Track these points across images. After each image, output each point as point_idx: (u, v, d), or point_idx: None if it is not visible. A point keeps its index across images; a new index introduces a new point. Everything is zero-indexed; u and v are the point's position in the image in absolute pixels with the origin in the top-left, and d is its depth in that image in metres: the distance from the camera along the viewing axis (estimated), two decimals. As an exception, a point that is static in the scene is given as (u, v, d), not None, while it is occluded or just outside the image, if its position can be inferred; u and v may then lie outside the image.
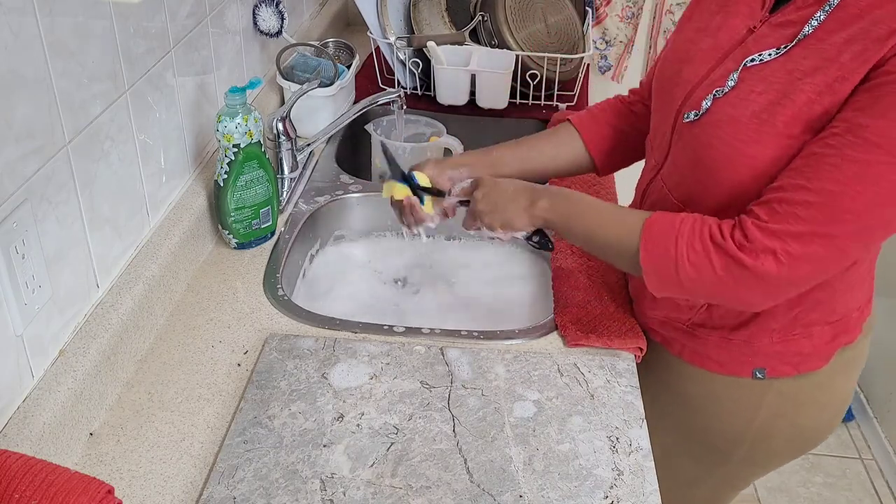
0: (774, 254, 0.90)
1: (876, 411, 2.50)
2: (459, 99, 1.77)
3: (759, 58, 0.96)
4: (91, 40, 1.01)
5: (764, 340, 1.09)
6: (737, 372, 1.13)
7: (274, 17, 1.63)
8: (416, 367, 1.09)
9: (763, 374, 1.12)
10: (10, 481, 0.73)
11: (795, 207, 0.89)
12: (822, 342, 1.10)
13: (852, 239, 0.89)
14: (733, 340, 1.11)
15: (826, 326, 1.09)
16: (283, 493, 0.91)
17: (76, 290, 1.02)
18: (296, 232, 1.38)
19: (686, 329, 1.14)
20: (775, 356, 1.10)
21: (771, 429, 1.16)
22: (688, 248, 0.94)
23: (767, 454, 1.21)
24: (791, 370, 1.11)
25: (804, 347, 1.10)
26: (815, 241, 0.89)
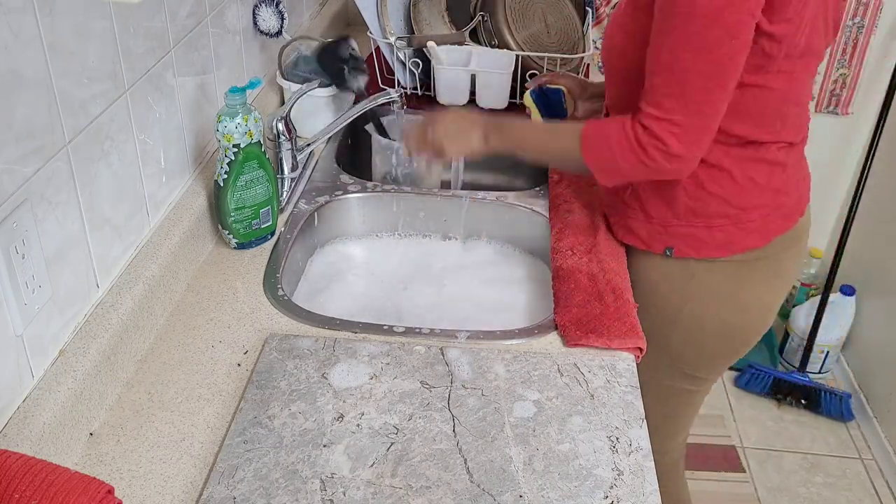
0: (669, 131, 1.12)
1: (876, 411, 2.50)
2: (459, 99, 1.77)
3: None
4: (91, 40, 1.01)
5: (673, 222, 1.30)
6: (653, 247, 1.33)
7: (274, 17, 1.63)
8: (416, 367, 1.09)
9: (671, 252, 1.32)
10: (10, 481, 0.73)
11: (656, 87, 1.12)
12: (721, 234, 1.29)
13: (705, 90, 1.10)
14: (653, 218, 1.31)
15: (725, 220, 1.28)
16: (283, 493, 0.91)
17: (76, 290, 1.02)
18: (296, 232, 1.39)
19: (622, 208, 1.35)
20: (681, 238, 1.30)
21: (701, 319, 1.35)
22: (619, 147, 1.17)
23: (702, 346, 1.39)
24: (693, 253, 1.31)
25: (703, 235, 1.29)
26: (685, 105, 1.11)
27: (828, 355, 2.65)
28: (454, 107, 1.38)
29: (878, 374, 2.52)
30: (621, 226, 1.37)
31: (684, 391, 1.47)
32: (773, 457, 2.42)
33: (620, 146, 1.16)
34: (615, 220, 1.38)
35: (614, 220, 1.39)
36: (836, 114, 2.52)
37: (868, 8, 2.36)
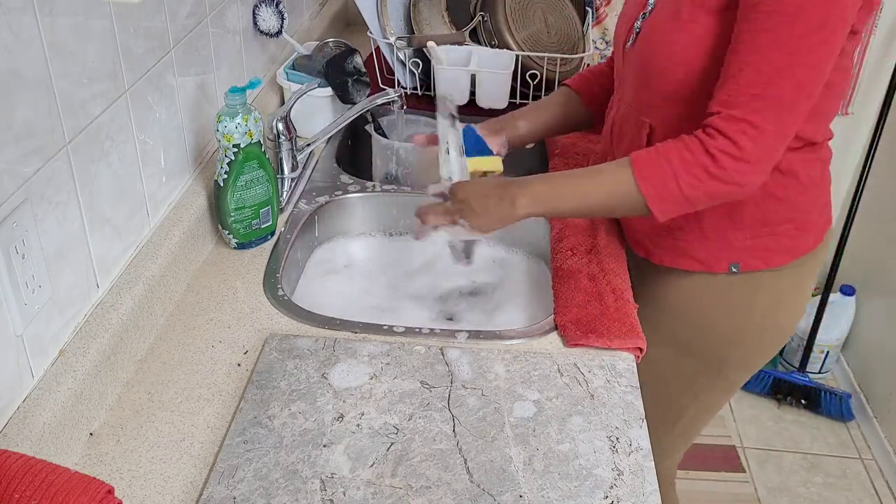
0: (744, 133, 1.04)
1: (876, 411, 2.50)
2: (459, 99, 1.76)
3: None
4: (91, 40, 1.01)
5: (738, 236, 1.23)
6: (714, 267, 1.26)
7: (274, 17, 1.63)
8: (416, 367, 1.09)
9: (737, 268, 1.25)
10: (10, 481, 0.73)
11: (741, 87, 1.04)
12: (787, 239, 1.24)
13: (794, 95, 1.03)
14: (711, 238, 1.24)
15: (789, 225, 1.23)
16: (283, 493, 0.91)
17: (76, 290, 1.02)
18: (296, 232, 1.39)
19: (668, 234, 1.27)
20: (747, 251, 1.24)
21: (762, 329, 1.30)
22: (680, 161, 1.06)
23: (757, 354, 1.35)
24: (761, 264, 1.25)
25: (770, 244, 1.24)
26: (769, 108, 1.03)
27: (828, 355, 2.65)
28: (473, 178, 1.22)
29: (878, 374, 2.52)
30: (669, 250, 1.28)
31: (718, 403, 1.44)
32: (773, 457, 2.43)
33: (683, 160, 1.06)
34: (658, 247, 1.29)
35: (656, 247, 1.30)
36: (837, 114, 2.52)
37: (868, 8, 2.36)
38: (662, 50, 1.13)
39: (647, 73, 1.17)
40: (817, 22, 1.00)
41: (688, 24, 1.10)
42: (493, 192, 1.15)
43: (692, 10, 1.10)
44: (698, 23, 1.09)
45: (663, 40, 1.13)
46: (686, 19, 1.10)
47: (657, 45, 1.15)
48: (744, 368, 1.37)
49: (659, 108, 1.17)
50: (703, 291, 1.28)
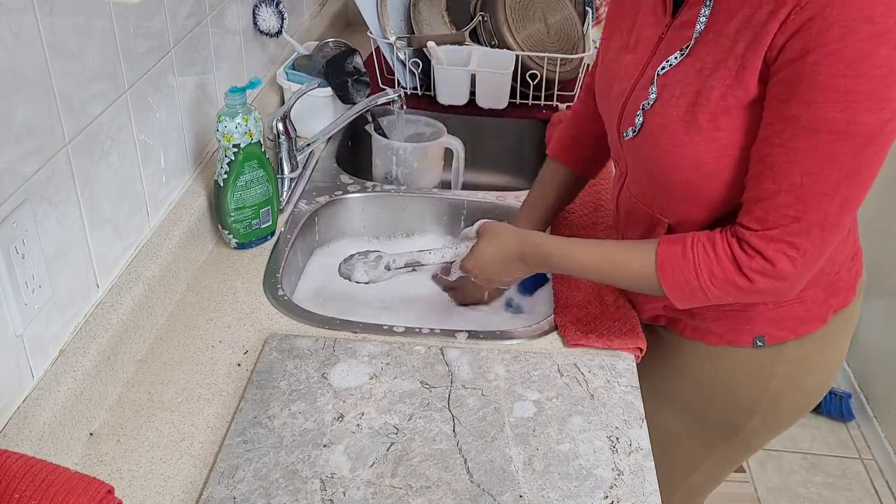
0: (784, 254, 0.94)
1: (876, 411, 2.50)
2: (459, 99, 1.77)
3: (668, 63, 1.00)
4: (91, 40, 1.01)
5: (759, 308, 1.12)
6: (736, 342, 1.16)
7: (274, 17, 1.63)
8: (416, 367, 1.09)
9: (763, 341, 1.15)
10: (10, 481, 0.73)
11: (779, 208, 0.93)
12: (816, 305, 1.13)
13: (839, 214, 0.92)
14: (730, 312, 1.14)
15: (817, 289, 1.11)
16: (283, 493, 0.91)
17: (76, 290, 1.02)
18: (296, 232, 1.38)
19: (686, 311, 1.17)
20: (771, 323, 1.14)
21: (781, 395, 1.19)
22: (709, 276, 0.98)
23: (777, 421, 1.25)
24: (789, 335, 1.14)
25: (798, 312, 1.13)
26: (811, 229, 0.92)
27: (828, 355, 2.65)
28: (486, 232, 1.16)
29: (878, 374, 2.52)
30: (688, 325, 1.19)
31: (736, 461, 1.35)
32: (773, 457, 2.42)
33: (710, 273, 0.98)
34: (677, 321, 1.20)
35: (675, 321, 1.21)
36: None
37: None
38: (683, 162, 1.00)
39: (663, 180, 1.04)
40: (873, 134, 0.87)
41: (710, 132, 0.96)
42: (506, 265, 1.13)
43: (713, 116, 0.96)
44: (722, 130, 0.96)
45: (682, 152, 0.99)
46: (707, 127, 0.96)
47: (676, 157, 1.01)
48: (762, 434, 1.27)
49: (679, 212, 1.06)
50: (724, 364, 1.19)
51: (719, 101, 0.95)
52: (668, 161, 1.02)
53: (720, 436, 1.27)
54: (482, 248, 1.15)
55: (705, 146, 0.97)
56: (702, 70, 0.97)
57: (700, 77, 0.97)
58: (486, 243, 1.14)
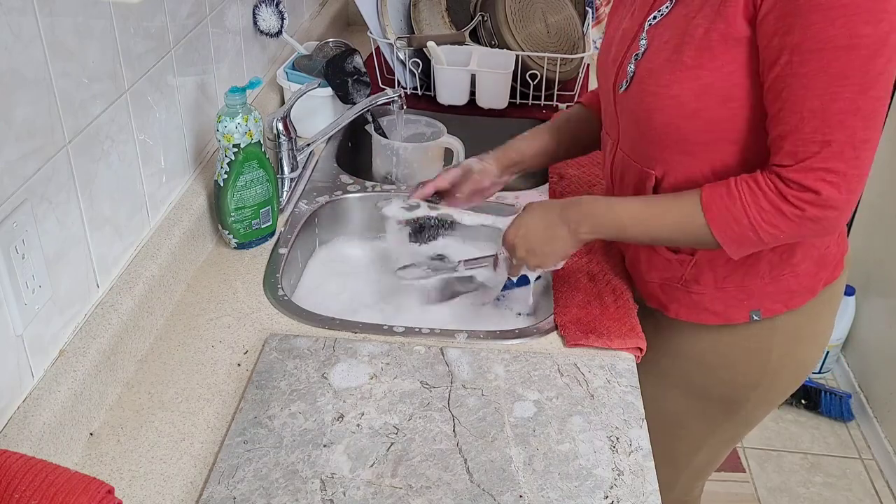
0: (824, 180, 0.95)
1: (876, 411, 2.50)
2: (459, 99, 1.77)
3: (659, 13, 1.06)
4: (91, 40, 1.01)
5: (756, 282, 1.15)
6: (734, 318, 1.18)
7: (274, 17, 1.63)
8: (416, 367, 1.09)
9: (759, 315, 1.18)
10: (10, 481, 0.73)
11: (805, 137, 0.94)
12: (807, 277, 1.17)
13: (865, 129, 0.94)
14: (727, 289, 1.16)
15: (809, 262, 1.15)
16: (283, 493, 0.91)
17: (76, 290, 1.02)
18: (296, 232, 1.38)
19: (681, 287, 1.19)
20: (768, 296, 1.17)
21: (780, 367, 1.23)
22: (758, 211, 0.99)
23: (777, 392, 1.29)
24: (782, 307, 1.18)
25: (791, 284, 1.16)
26: (843, 150, 0.94)
27: (828, 355, 2.65)
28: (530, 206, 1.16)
29: (878, 374, 2.52)
30: (685, 305, 1.21)
31: (738, 436, 1.39)
32: (773, 457, 2.43)
33: (759, 207, 0.98)
34: (673, 301, 1.22)
35: (671, 300, 1.22)
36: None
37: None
38: (666, 102, 1.03)
39: (649, 125, 1.07)
40: (877, 45, 0.90)
41: (693, 69, 0.99)
42: (549, 231, 1.11)
43: (697, 53, 0.99)
44: (704, 68, 0.99)
45: (666, 91, 1.02)
46: (690, 65, 1.00)
47: (659, 98, 1.04)
48: (763, 406, 1.31)
49: (664, 161, 1.08)
50: (723, 341, 1.22)
51: (702, 37, 0.98)
52: (652, 104, 1.04)
53: (723, 413, 1.30)
54: (524, 216, 1.15)
55: (688, 84, 1.00)
56: (687, 14, 1.01)
57: (686, 20, 1.01)
58: (528, 212, 1.15)
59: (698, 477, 1.45)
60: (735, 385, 1.26)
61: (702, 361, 1.24)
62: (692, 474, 1.42)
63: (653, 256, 1.19)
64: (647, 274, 1.22)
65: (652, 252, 1.19)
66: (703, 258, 1.14)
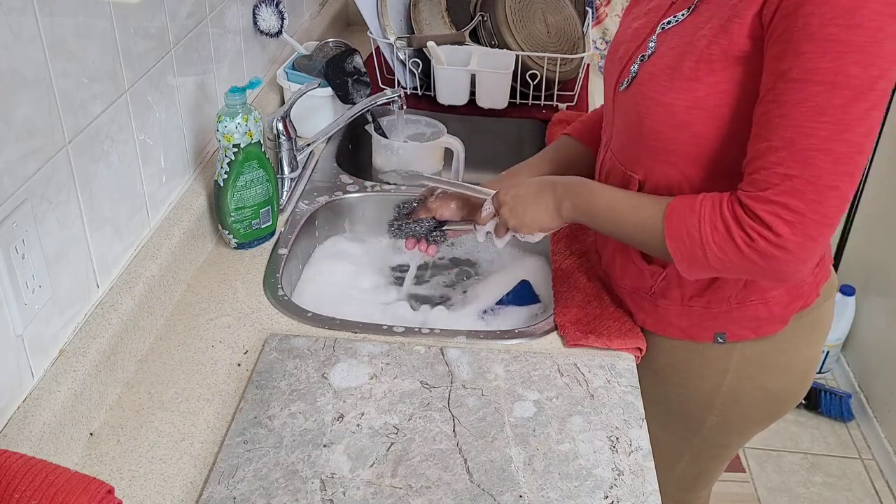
0: (780, 217, 0.92)
1: (876, 411, 2.50)
2: (459, 99, 1.77)
3: (674, 19, 1.04)
4: (91, 40, 1.01)
5: (722, 307, 1.12)
6: (697, 337, 1.16)
7: (274, 17, 1.63)
8: (416, 367, 1.09)
9: (724, 338, 1.15)
10: (10, 481, 0.73)
11: (772, 167, 0.91)
12: (779, 307, 1.13)
13: (833, 174, 0.90)
14: (693, 307, 1.14)
15: (782, 291, 1.12)
16: (283, 493, 0.91)
17: (76, 290, 1.02)
18: (296, 232, 1.38)
19: (650, 298, 1.17)
20: (734, 321, 1.14)
21: (739, 392, 1.19)
22: (712, 230, 0.96)
23: (740, 418, 1.24)
24: (750, 334, 1.14)
25: (761, 312, 1.13)
26: (804, 189, 0.90)
27: (828, 355, 2.65)
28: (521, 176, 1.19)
29: (878, 374, 2.52)
30: (650, 315, 1.19)
31: (718, 456, 1.35)
32: (773, 457, 2.42)
33: (713, 226, 0.96)
34: (640, 309, 1.20)
35: (638, 309, 1.20)
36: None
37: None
38: (658, 109, 1.02)
39: (639, 129, 1.06)
40: (862, 88, 0.87)
41: (689, 81, 0.98)
42: (537, 198, 1.12)
43: (696, 64, 0.98)
44: (701, 81, 0.97)
45: (660, 98, 1.01)
46: (687, 75, 0.98)
47: (652, 103, 1.03)
48: (728, 431, 1.27)
49: (648, 168, 1.07)
50: (679, 357, 1.20)
51: (704, 49, 0.97)
52: (645, 108, 1.03)
53: (685, 429, 1.27)
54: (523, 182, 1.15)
55: (683, 95, 0.99)
56: (698, 24, 1.00)
57: (695, 30, 0.99)
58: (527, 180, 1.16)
59: (689, 489, 1.41)
60: (690, 402, 1.23)
61: (658, 374, 1.22)
62: (678, 486, 1.38)
63: (627, 264, 1.17)
64: (620, 279, 1.21)
65: (626, 259, 1.17)
66: (672, 273, 1.11)
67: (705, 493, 1.46)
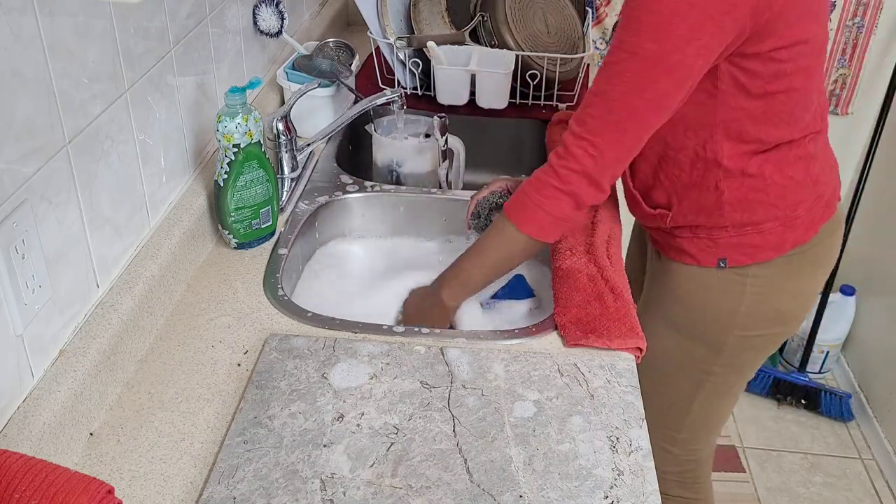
0: (584, 150, 1.14)
1: (876, 411, 2.50)
2: (459, 99, 1.77)
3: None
4: (91, 40, 1.01)
5: (722, 235, 1.30)
6: (705, 262, 1.33)
7: (274, 17, 1.63)
8: (416, 367, 1.09)
9: (724, 263, 1.32)
10: (10, 481, 0.73)
11: (588, 109, 1.15)
12: (773, 236, 1.29)
13: (630, 120, 1.13)
14: (700, 236, 1.32)
15: (775, 223, 1.28)
16: (283, 493, 0.91)
17: (76, 290, 1.02)
18: (296, 232, 1.38)
19: (668, 231, 1.36)
20: (733, 248, 1.31)
21: (756, 311, 1.35)
22: (537, 184, 1.18)
23: (757, 337, 1.39)
24: (748, 260, 1.31)
25: (756, 240, 1.30)
26: (606, 129, 1.14)
27: (828, 355, 2.65)
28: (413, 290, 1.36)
29: (878, 374, 2.52)
30: (670, 246, 1.38)
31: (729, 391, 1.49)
32: (773, 457, 2.43)
33: (537, 179, 1.18)
34: (662, 242, 1.40)
35: (661, 242, 1.40)
36: (836, 113, 2.52)
37: (868, 8, 2.36)
38: None
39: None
40: (655, 59, 1.08)
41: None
42: (423, 304, 1.30)
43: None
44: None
45: None
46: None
47: None
48: (745, 351, 1.41)
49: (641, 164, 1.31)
50: (698, 281, 1.36)
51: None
52: None
53: (707, 354, 1.40)
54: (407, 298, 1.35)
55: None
56: None
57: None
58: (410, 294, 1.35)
59: (698, 434, 1.52)
60: (712, 324, 1.37)
61: (684, 299, 1.37)
62: (691, 429, 1.50)
63: (646, 211, 1.36)
64: (642, 219, 1.41)
65: (637, 207, 1.38)
66: (677, 211, 1.31)
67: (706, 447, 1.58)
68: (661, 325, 1.41)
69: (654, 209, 1.35)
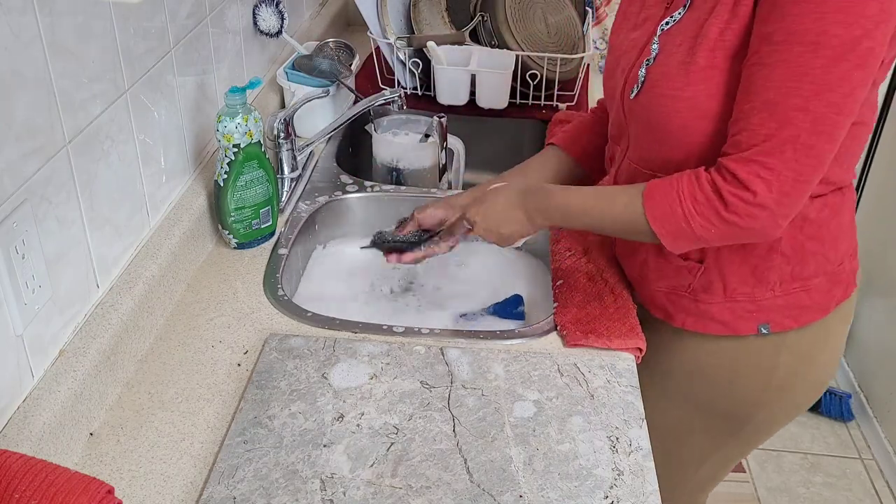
0: (758, 176, 0.95)
1: (876, 411, 2.50)
2: (459, 99, 1.77)
3: (672, 19, 1.05)
4: (91, 40, 1.01)
5: (767, 295, 1.12)
6: (741, 330, 1.15)
7: (274, 17, 1.63)
8: (416, 367, 1.09)
9: (768, 329, 1.14)
10: (10, 481, 0.73)
11: (753, 128, 0.94)
12: (820, 294, 1.14)
13: (812, 133, 0.92)
14: (737, 299, 1.13)
15: (823, 278, 1.13)
16: (283, 493, 0.91)
17: (76, 290, 1.02)
18: (296, 232, 1.38)
19: (689, 295, 1.16)
20: (778, 310, 1.13)
21: (786, 387, 1.20)
22: (692, 202, 0.99)
23: (783, 411, 1.26)
24: (792, 323, 1.14)
25: (804, 300, 1.13)
26: (784, 147, 0.93)
27: (828, 355, 2.65)
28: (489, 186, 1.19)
29: (878, 374, 2.52)
30: (691, 314, 1.17)
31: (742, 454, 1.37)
32: (773, 457, 2.43)
33: (693, 198, 0.98)
34: (679, 309, 1.18)
35: (678, 310, 1.19)
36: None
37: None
38: (683, 105, 1.02)
39: (662, 131, 1.06)
40: (844, 48, 0.88)
41: (706, 70, 0.99)
42: (507, 214, 1.13)
43: (711, 53, 0.99)
44: (717, 68, 0.98)
45: (683, 94, 1.01)
46: (703, 65, 0.99)
47: (671, 100, 1.03)
48: (768, 425, 1.28)
49: (679, 163, 1.05)
50: (728, 355, 1.19)
51: (717, 38, 0.98)
52: (669, 107, 1.03)
53: (728, 429, 1.27)
54: (488, 194, 1.16)
55: (703, 86, 1.00)
56: (699, 17, 1.01)
57: (699, 23, 1.01)
58: (492, 192, 1.17)
59: (700, 491, 1.43)
60: (739, 401, 1.23)
61: (706, 374, 1.21)
62: (694, 488, 1.40)
63: (663, 265, 1.17)
64: (655, 282, 1.19)
65: (661, 260, 1.16)
66: (712, 265, 1.12)
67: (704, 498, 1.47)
68: (673, 400, 1.26)
69: (686, 260, 1.14)
